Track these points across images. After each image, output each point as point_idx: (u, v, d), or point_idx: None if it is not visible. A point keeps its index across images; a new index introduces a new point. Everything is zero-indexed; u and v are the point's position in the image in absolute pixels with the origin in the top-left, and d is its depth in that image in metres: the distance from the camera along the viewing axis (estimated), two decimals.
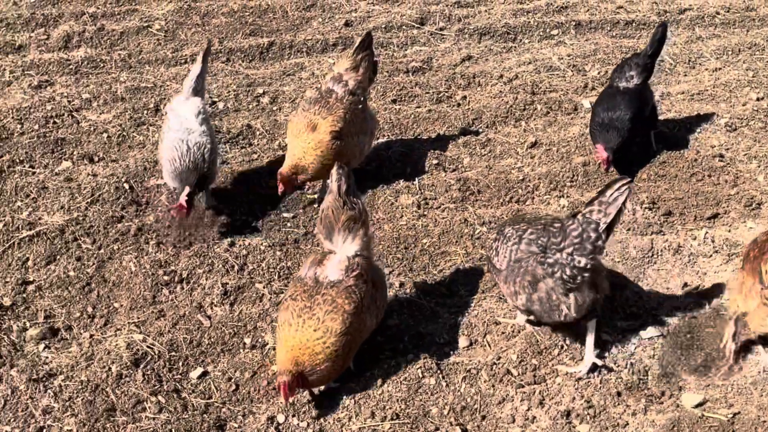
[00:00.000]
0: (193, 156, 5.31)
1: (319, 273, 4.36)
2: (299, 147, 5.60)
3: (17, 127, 6.30)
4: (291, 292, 4.37)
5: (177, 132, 5.36)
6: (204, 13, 7.94)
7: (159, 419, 4.27)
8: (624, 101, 6.00)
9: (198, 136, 5.37)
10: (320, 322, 4.20)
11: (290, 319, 4.23)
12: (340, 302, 4.25)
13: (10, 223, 5.38)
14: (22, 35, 7.40)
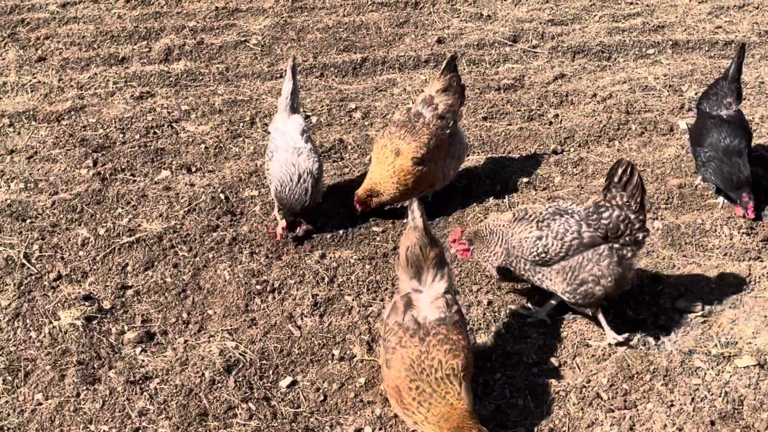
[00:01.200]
0: (301, 187, 5.42)
1: (417, 315, 4.17)
2: (378, 171, 5.67)
3: (119, 136, 6.54)
4: (396, 340, 4.12)
5: (285, 152, 5.48)
6: (299, 29, 8.09)
7: (249, 426, 4.35)
8: (736, 131, 5.72)
9: (305, 159, 5.47)
10: (444, 363, 4.02)
11: (411, 370, 4.02)
12: (455, 338, 4.10)
13: (111, 229, 5.58)
14: (125, 48, 7.67)
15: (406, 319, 4.16)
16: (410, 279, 4.29)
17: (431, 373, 4.01)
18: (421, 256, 4.27)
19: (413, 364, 4.03)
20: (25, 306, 5.01)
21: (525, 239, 4.78)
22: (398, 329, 4.16)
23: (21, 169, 6.14)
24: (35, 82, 7.12)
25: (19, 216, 5.67)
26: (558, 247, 4.71)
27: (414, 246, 4.26)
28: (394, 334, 4.16)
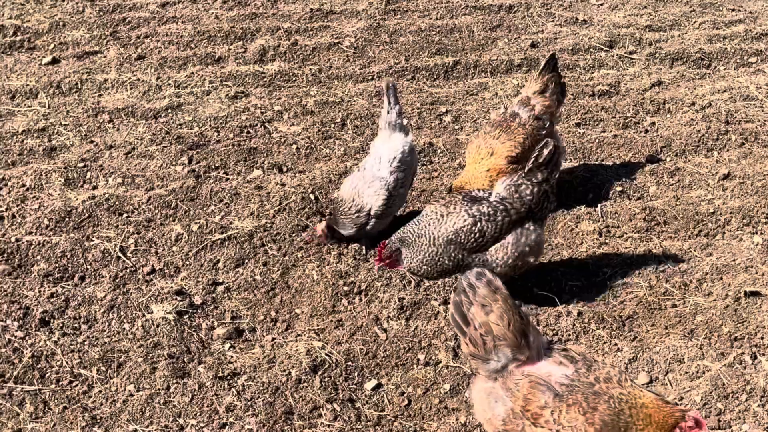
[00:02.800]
0: (354, 219, 5.40)
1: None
2: (471, 170, 5.60)
3: (214, 134, 6.66)
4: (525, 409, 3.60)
5: (361, 180, 5.40)
6: (392, 31, 8.11)
7: (334, 427, 4.37)
8: None
9: (372, 193, 5.38)
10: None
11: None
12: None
13: (204, 225, 5.69)
14: (221, 48, 7.82)
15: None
16: (515, 348, 3.66)
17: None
18: (521, 320, 3.68)
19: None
20: (120, 298, 5.14)
21: (461, 228, 4.86)
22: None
23: (119, 164, 6.31)
24: (134, 80, 7.32)
25: (116, 210, 5.83)
26: (493, 228, 4.87)
27: (511, 313, 3.65)
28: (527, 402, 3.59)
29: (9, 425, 4.34)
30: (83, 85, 7.21)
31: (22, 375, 4.62)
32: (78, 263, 5.40)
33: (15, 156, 6.36)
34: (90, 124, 6.75)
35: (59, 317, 5.00)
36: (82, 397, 4.52)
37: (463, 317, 3.71)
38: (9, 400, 4.48)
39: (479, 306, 3.66)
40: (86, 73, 7.37)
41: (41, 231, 5.64)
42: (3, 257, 5.40)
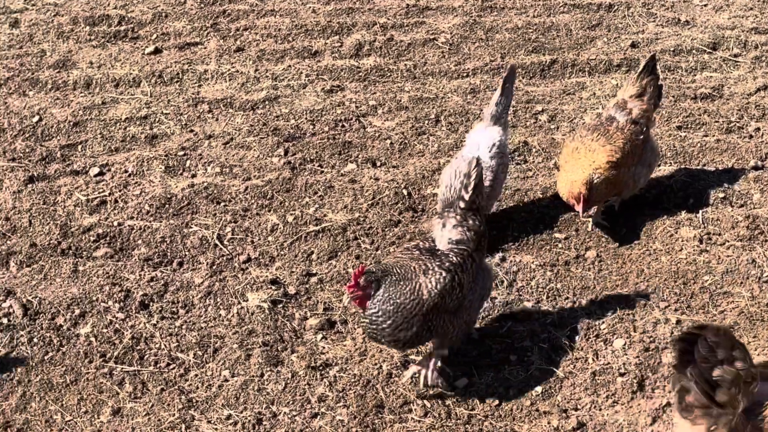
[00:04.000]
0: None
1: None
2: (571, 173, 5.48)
3: (310, 127, 6.73)
4: None
5: (462, 162, 5.34)
6: (488, 28, 8.05)
7: (424, 423, 4.37)
8: None
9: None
10: None
11: None
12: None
13: (299, 217, 5.76)
14: (318, 42, 7.89)
15: None
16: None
17: None
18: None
19: None
20: (216, 285, 5.25)
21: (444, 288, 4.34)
22: None
23: (217, 154, 6.43)
24: (233, 72, 7.45)
25: (214, 199, 5.95)
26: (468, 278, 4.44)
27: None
28: None
29: (109, 404, 4.48)
30: (184, 75, 7.37)
31: (122, 355, 4.76)
32: (177, 249, 5.54)
33: (118, 143, 6.55)
34: (190, 113, 6.90)
35: (158, 301, 5.13)
36: (179, 380, 4.63)
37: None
38: (109, 379, 4.62)
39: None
40: (187, 63, 7.53)
41: (142, 216, 5.79)
42: (106, 241, 5.57)
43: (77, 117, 6.80)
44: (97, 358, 4.73)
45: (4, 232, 5.61)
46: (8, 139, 6.53)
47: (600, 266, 5.36)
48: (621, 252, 5.47)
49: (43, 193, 5.97)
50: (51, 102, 7.01)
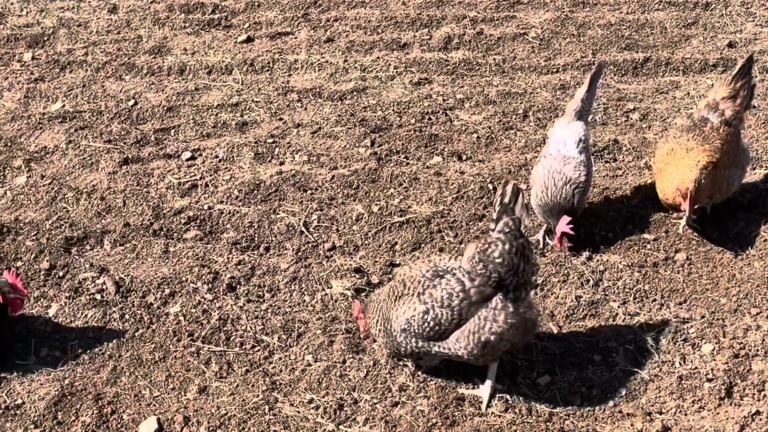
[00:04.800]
0: (563, 193, 5.26)
1: None
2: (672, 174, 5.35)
3: (396, 119, 6.75)
4: None
5: (554, 160, 5.34)
6: (580, 24, 7.93)
7: (504, 418, 4.35)
8: None
9: (572, 169, 5.28)
10: None
11: None
12: None
13: (384, 207, 5.79)
14: (407, 34, 7.91)
15: None
16: None
17: None
18: None
19: None
20: (302, 271, 5.32)
21: (412, 317, 4.28)
22: None
23: (305, 142, 6.51)
24: (323, 62, 7.53)
25: (301, 186, 6.03)
26: (449, 315, 4.23)
27: None
28: None
29: (196, 382, 4.59)
30: (275, 64, 7.48)
31: (210, 336, 4.87)
32: (264, 234, 5.63)
33: (210, 128, 6.69)
34: (279, 102, 7.00)
35: (245, 284, 5.23)
36: (263, 362, 4.71)
37: None
38: (196, 358, 4.73)
39: None
40: (278, 52, 7.64)
41: (231, 201, 5.91)
42: (196, 223, 5.70)
43: (171, 102, 6.97)
44: (185, 337, 4.85)
45: (100, 212, 5.80)
46: (105, 121, 6.74)
47: (690, 269, 5.24)
48: (712, 255, 5.33)
49: (137, 175, 6.14)
50: (146, 87, 7.20)
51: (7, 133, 6.56)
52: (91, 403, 4.42)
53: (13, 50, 7.64)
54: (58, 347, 4.79)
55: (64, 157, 6.31)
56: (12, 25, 7.96)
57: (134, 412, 4.40)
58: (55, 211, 5.78)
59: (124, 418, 4.36)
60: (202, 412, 4.40)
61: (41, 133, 6.59)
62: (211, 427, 4.31)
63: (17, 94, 7.04)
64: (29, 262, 5.33)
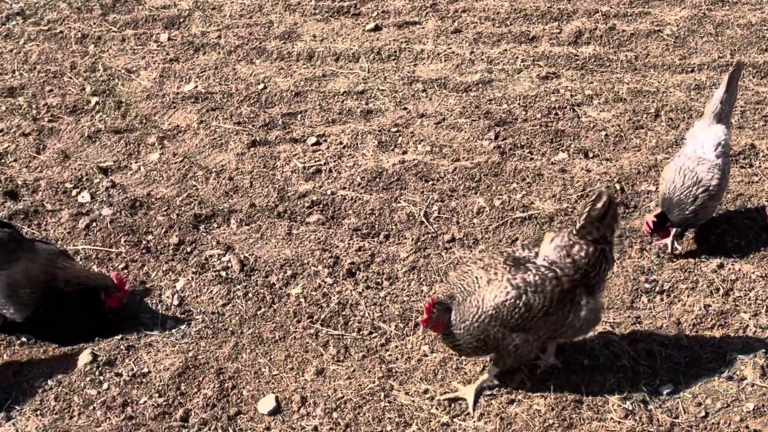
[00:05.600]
0: (688, 193, 5.07)
1: None
2: None
3: (522, 113, 6.66)
4: None
5: (687, 159, 5.15)
6: (718, 23, 7.62)
7: (624, 425, 4.24)
8: None
9: (706, 170, 5.08)
10: None
11: None
12: None
13: (506, 202, 5.73)
14: (536, 27, 7.78)
15: None
16: None
17: None
18: None
19: None
20: (421, 261, 5.32)
21: (503, 303, 4.13)
22: None
23: (429, 132, 6.50)
24: (449, 53, 7.49)
25: (423, 177, 6.03)
26: (541, 300, 4.14)
27: None
28: None
29: (314, 363, 4.66)
30: (401, 53, 7.49)
31: (329, 319, 4.94)
32: (384, 222, 5.66)
33: (335, 114, 6.76)
34: (404, 91, 7.01)
35: (364, 270, 5.27)
36: (380, 348, 4.74)
37: None
38: (315, 340, 4.81)
39: None
40: (405, 42, 7.65)
41: (353, 187, 5.96)
42: (319, 208, 5.78)
43: (299, 87, 7.08)
44: (304, 319, 4.93)
45: (227, 191, 5.95)
46: (235, 103, 6.90)
47: None
48: None
49: (264, 157, 6.27)
50: (275, 71, 7.34)
51: (143, 110, 6.80)
52: (213, 377, 4.55)
53: (151, 31, 7.91)
54: (183, 321, 4.95)
55: (196, 136, 6.50)
56: (150, 6, 8.25)
57: (254, 389, 4.50)
58: (185, 188, 5.97)
59: (244, 394, 4.47)
60: (319, 393, 4.46)
61: (174, 112, 6.81)
62: (327, 410, 4.37)
63: (153, 74, 7.29)
64: (159, 236, 5.52)
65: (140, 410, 4.33)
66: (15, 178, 6.00)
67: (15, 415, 4.28)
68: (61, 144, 6.39)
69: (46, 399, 4.37)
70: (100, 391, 4.43)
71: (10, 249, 4.73)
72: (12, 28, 7.82)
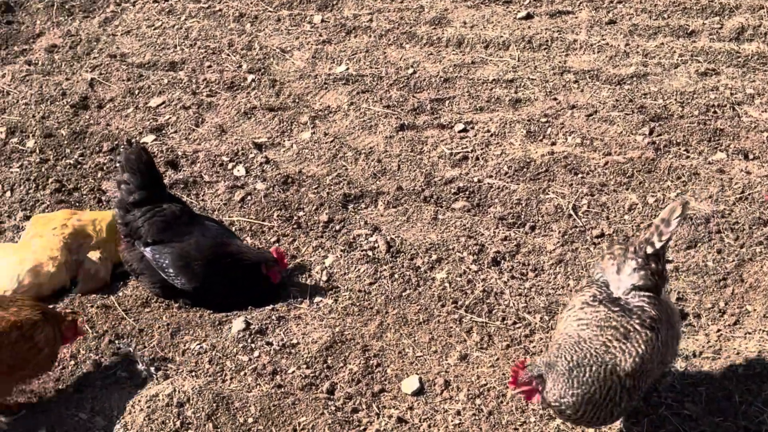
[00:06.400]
0: None
1: None
2: None
3: (678, 109, 6.45)
4: None
5: None
6: None
7: None
8: None
9: None
10: None
11: None
12: None
13: (660, 200, 5.58)
14: (695, 21, 7.51)
15: None
16: None
17: None
18: None
19: None
20: (568, 255, 5.26)
21: (645, 353, 3.71)
22: None
23: (579, 124, 6.39)
24: (603, 44, 7.33)
25: (573, 169, 5.94)
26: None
27: None
28: None
29: (457, 348, 4.69)
30: (552, 42, 7.39)
31: (473, 305, 4.95)
32: (531, 213, 5.62)
33: (483, 102, 6.74)
34: (555, 81, 6.91)
35: (510, 260, 5.25)
36: (524, 339, 4.72)
37: None
38: (459, 325, 4.83)
39: None
40: (557, 31, 7.53)
41: (500, 176, 5.94)
42: (465, 194, 5.79)
43: (447, 73, 7.09)
44: (449, 303, 4.96)
45: (376, 173, 6.03)
46: (384, 87, 6.98)
47: None
48: None
49: (411, 142, 6.32)
50: (425, 56, 7.37)
51: (296, 90, 6.97)
52: (359, 353, 4.64)
53: (305, 12, 8.08)
54: (330, 296, 5.07)
55: (346, 117, 6.62)
56: None
57: (397, 368, 4.57)
58: (335, 167, 6.09)
59: (388, 372, 4.55)
60: (462, 378, 4.49)
61: (326, 92, 6.95)
62: (471, 395, 4.39)
63: (306, 54, 7.46)
64: (310, 212, 5.67)
65: (288, 379, 4.47)
66: (176, 149, 6.27)
67: (172, 374, 4.49)
68: (219, 118, 6.64)
69: (201, 362, 4.57)
70: (252, 358, 4.60)
71: (183, 222, 4.97)
72: (174, 4, 8.16)
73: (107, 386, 4.40)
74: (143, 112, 6.67)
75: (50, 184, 5.79)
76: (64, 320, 4.22)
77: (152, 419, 4.12)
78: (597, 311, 3.83)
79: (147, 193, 4.97)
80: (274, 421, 4.19)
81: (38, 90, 6.83)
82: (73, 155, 6.13)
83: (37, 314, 4.07)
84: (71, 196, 5.74)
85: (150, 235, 4.92)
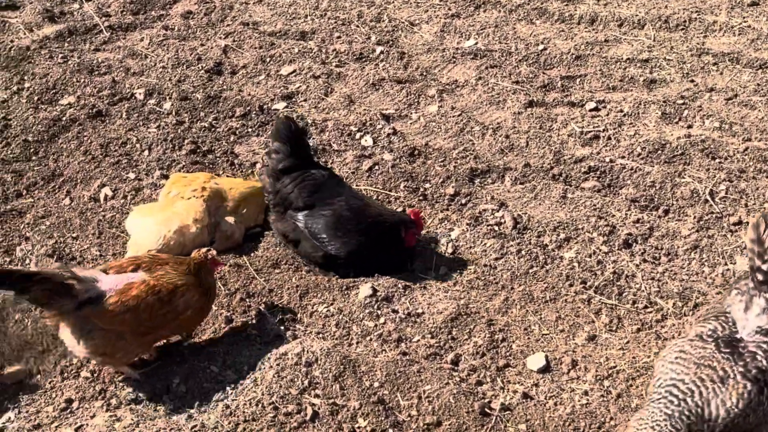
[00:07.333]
0: None
1: None
2: None
3: None
4: None
5: None
6: None
7: None
8: None
9: None
10: None
11: None
12: None
13: None
14: None
15: None
16: None
17: None
18: None
19: None
20: (704, 241, 5.08)
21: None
22: None
23: (718, 108, 6.16)
24: (744, 26, 7.03)
25: (710, 154, 5.73)
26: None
27: None
28: None
29: (585, 329, 4.60)
30: (690, 23, 7.12)
31: (602, 287, 4.84)
32: (665, 196, 5.45)
33: (616, 81, 6.56)
34: (693, 63, 6.67)
35: (642, 243, 5.11)
36: (655, 324, 4.60)
37: None
38: (587, 306, 4.74)
39: None
40: (695, 11, 7.26)
41: (633, 157, 5.78)
42: (595, 174, 5.66)
43: (579, 51, 6.93)
44: (577, 283, 4.87)
45: (503, 149, 5.96)
46: (513, 62, 6.88)
47: None
48: None
49: (540, 119, 6.22)
50: (555, 33, 7.23)
51: (424, 63, 6.95)
52: (484, 327, 4.61)
53: None
54: (455, 269, 5.05)
55: (474, 92, 6.56)
56: None
57: (523, 345, 4.52)
58: (461, 141, 6.05)
59: (513, 348, 4.50)
60: (590, 359, 4.40)
61: (454, 66, 6.90)
62: (599, 377, 4.30)
63: (434, 27, 7.42)
64: (436, 185, 5.65)
65: (414, 348, 4.48)
66: (305, 116, 6.35)
67: (300, 334, 4.57)
68: (347, 89, 6.68)
69: (328, 324, 4.63)
70: (377, 324, 4.63)
71: (331, 186, 5.03)
72: None
73: (237, 342, 4.51)
74: (274, 79, 6.78)
75: (186, 146, 5.96)
76: (205, 264, 4.26)
77: (281, 376, 4.20)
78: (700, 351, 3.59)
79: (296, 160, 5.05)
80: (400, 387, 4.20)
81: (174, 54, 7.02)
82: (207, 119, 6.28)
83: (181, 279, 4.17)
84: (205, 158, 5.89)
85: (301, 199, 4.99)
